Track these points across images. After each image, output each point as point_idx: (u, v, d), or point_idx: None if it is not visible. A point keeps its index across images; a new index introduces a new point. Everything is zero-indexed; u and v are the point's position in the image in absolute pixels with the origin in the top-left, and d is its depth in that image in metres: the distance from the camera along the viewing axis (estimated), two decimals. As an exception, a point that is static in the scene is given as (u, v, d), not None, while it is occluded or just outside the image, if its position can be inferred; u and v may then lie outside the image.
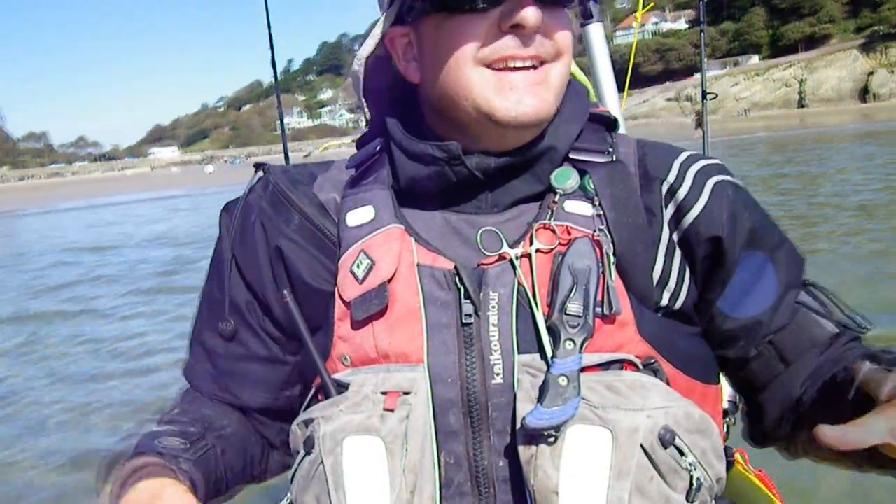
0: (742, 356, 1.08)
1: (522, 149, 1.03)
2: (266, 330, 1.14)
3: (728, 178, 1.09)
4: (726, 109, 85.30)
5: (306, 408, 1.06)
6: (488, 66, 0.98)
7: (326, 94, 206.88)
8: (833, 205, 11.35)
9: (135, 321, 8.95)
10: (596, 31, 2.17)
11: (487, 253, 1.01)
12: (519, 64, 0.98)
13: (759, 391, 1.10)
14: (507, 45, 0.97)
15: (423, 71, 1.06)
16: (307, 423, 1.02)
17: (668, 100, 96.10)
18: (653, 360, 0.98)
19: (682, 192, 1.05)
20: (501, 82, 0.98)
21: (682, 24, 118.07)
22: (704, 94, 3.13)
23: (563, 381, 0.90)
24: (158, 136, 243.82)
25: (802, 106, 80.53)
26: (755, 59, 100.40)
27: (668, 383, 0.98)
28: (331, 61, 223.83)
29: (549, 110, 1.01)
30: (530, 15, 0.94)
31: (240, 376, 1.15)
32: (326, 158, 1.31)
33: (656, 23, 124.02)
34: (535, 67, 0.99)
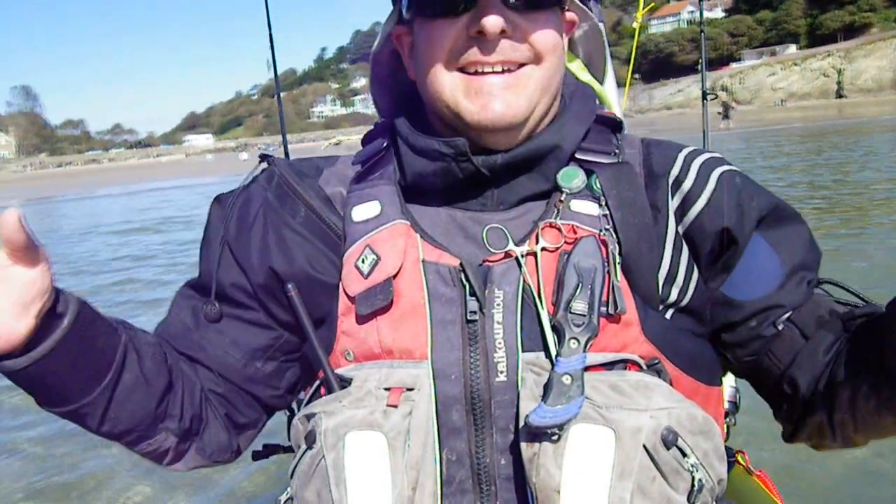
0: (759, 336, 1.07)
1: (528, 147, 1.04)
2: (253, 320, 1.13)
3: (733, 168, 1.10)
4: (762, 100, 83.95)
5: (308, 402, 1.07)
6: (460, 69, 1.01)
7: (359, 83, 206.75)
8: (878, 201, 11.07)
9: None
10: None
11: (493, 250, 1.01)
12: (487, 69, 1.00)
13: (786, 369, 1.06)
14: (473, 51, 0.99)
15: (414, 71, 1.10)
16: (309, 417, 1.02)
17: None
18: (656, 361, 0.98)
19: (687, 184, 1.06)
20: (469, 86, 1.00)
21: (718, 13, 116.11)
22: (704, 95, 3.14)
23: (566, 379, 0.91)
24: (193, 123, 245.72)
25: (841, 96, 78.90)
26: (792, 48, 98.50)
27: (671, 384, 0.98)
28: (364, 49, 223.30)
29: (520, 114, 1.01)
30: (490, 23, 0.96)
31: (212, 344, 1.13)
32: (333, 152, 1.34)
33: (692, 11, 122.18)
34: (509, 71, 1.00)
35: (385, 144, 1.15)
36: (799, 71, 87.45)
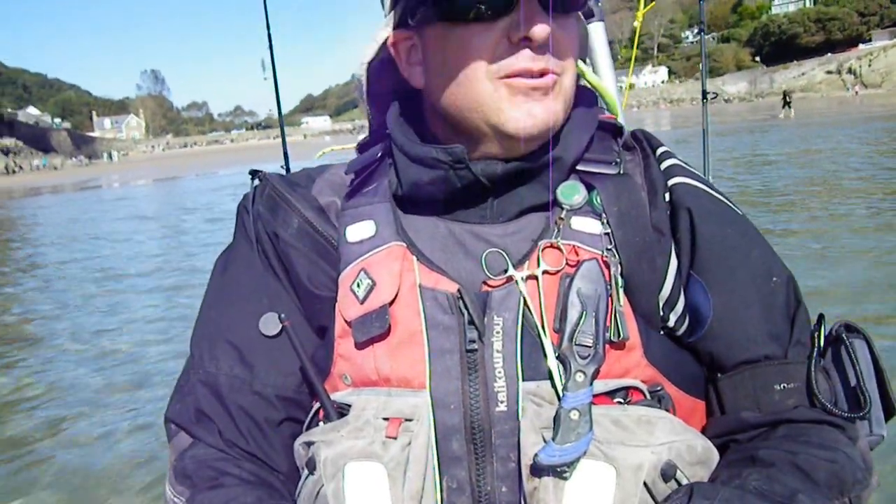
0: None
1: (529, 156, 1.00)
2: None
3: (704, 186, 1.07)
4: (894, 83, 79.18)
5: (308, 425, 1.06)
6: (500, 77, 0.95)
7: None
8: None
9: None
10: (597, 31, 2.13)
11: (492, 276, 0.97)
12: (535, 76, 0.95)
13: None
14: (519, 58, 0.94)
15: (430, 78, 1.02)
16: (308, 444, 1.01)
17: (828, 73, 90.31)
18: (659, 387, 0.97)
19: (674, 211, 1.04)
20: (513, 95, 0.95)
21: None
22: (704, 94, 3.09)
23: (574, 415, 0.89)
24: (310, 105, 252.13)
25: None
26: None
27: (672, 407, 0.98)
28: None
29: (558, 120, 0.98)
30: (540, 30, 0.91)
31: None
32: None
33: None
34: (542, 75, 0.95)
35: (380, 154, 1.12)
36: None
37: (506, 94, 0.95)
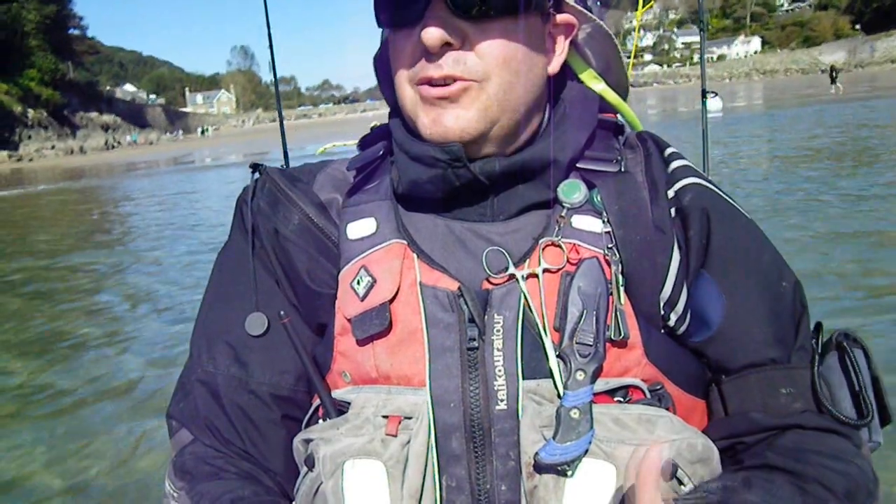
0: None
1: (526, 154, 1.00)
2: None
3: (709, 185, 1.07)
4: None
5: (307, 422, 1.07)
6: (416, 84, 0.96)
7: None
8: None
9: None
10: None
11: (492, 273, 0.97)
12: (437, 83, 0.95)
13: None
14: (421, 65, 0.95)
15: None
16: (307, 441, 1.01)
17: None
18: (659, 386, 0.97)
19: (686, 212, 1.03)
20: (423, 102, 0.96)
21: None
22: (704, 93, 3.03)
23: (575, 413, 0.89)
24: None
25: None
26: None
27: (673, 406, 0.97)
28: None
29: (470, 128, 0.95)
30: (427, 35, 0.91)
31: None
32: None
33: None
34: (454, 82, 0.94)
35: (382, 152, 1.12)
36: None
37: (419, 100, 0.97)
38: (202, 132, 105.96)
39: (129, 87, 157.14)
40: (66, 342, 6.28)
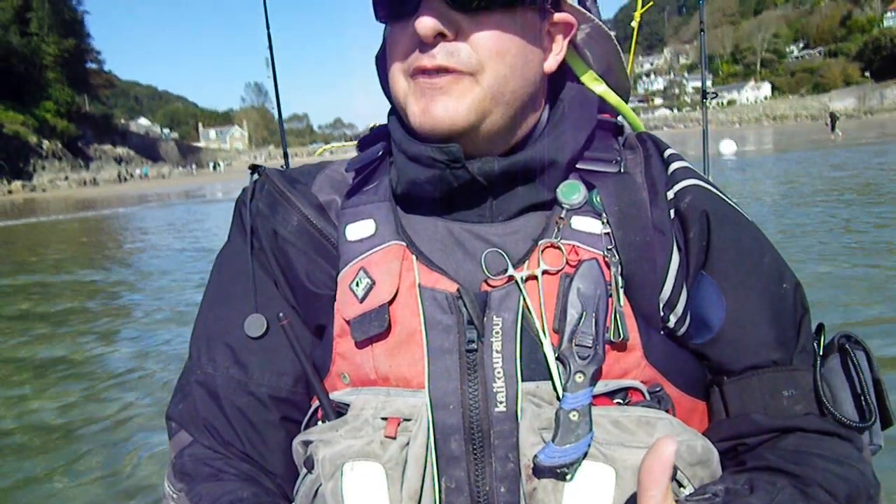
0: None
1: (524, 155, 0.99)
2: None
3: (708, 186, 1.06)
4: None
5: (306, 424, 1.07)
6: (410, 75, 0.96)
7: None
8: None
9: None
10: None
11: (491, 275, 0.96)
12: (430, 73, 0.95)
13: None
14: (415, 55, 0.95)
15: None
16: (306, 443, 1.01)
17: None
18: (659, 388, 0.96)
19: (685, 213, 1.03)
20: (416, 92, 0.96)
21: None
22: (704, 94, 3.06)
23: (574, 416, 0.88)
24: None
25: None
26: None
27: (672, 408, 0.97)
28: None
29: (459, 120, 0.94)
30: (420, 25, 0.91)
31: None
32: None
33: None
34: (447, 73, 0.94)
35: (381, 153, 1.12)
36: None
37: (412, 90, 0.96)
38: (214, 167, 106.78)
39: (143, 121, 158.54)
40: (80, 348, 6.59)
